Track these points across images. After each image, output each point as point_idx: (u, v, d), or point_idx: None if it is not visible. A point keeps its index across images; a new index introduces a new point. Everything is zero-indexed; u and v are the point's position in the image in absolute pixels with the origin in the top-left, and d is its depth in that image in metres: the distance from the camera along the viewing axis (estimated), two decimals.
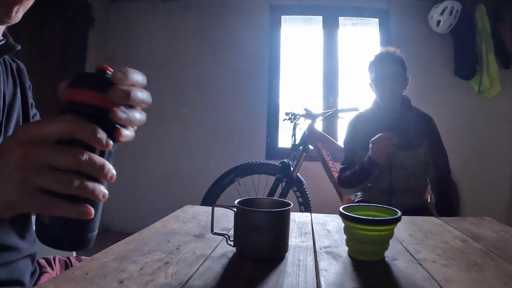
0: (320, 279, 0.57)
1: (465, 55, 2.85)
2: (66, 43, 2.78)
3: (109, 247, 0.69)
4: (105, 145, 0.37)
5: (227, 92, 3.16)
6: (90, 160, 0.36)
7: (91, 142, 0.36)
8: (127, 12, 3.25)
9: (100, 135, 0.36)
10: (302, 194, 2.33)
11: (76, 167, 0.36)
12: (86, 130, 0.36)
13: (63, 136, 0.36)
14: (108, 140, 0.37)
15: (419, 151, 1.63)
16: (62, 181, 0.36)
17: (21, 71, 0.80)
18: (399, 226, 0.78)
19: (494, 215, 1.20)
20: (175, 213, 1.02)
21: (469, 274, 0.61)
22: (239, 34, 3.14)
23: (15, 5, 0.61)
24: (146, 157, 3.21)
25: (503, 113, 2.96)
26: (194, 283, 0.55)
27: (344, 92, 3.15)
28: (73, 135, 0.36)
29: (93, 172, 0.37)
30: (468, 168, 2.93)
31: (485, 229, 0.93)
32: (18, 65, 0.80)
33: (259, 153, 3.06)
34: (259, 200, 0.75)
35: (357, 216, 0.66)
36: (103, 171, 0.38)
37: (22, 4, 0.62)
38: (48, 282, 0.54)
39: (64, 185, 0.36)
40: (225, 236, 0.71)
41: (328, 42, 3.16)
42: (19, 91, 0.76)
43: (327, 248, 0.74)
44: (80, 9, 2.93)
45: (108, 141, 0.38)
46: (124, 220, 3.18)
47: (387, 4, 3.04)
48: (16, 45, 0.74)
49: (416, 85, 2.18)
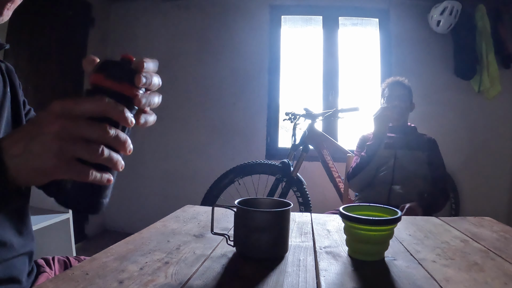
0: (320, 279, 0.57)
1: (465, 55, 2.85)
2: (66, 43, 2.78)
3: (109, 247, 0.68)
4: (130, 123, 0.44)
5: (227, 92, 3.16)
6: (116, 135, 0.43)
7: (120, 120, 0.43)
8: (127, 12, 3.25)
9: (127, 114, 0.43)
10: (302, 194, 2.33)
11: (105, 140, 0.42)
12: (116, 109, 0.42)
13: (95, 114, 0.42)
14: (132, 119, 0.44)
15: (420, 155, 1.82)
16: (94, 151, 0.41)
17: (10, 70, 0.79)
18: (399, 226, 0.78)
19: (494, 215, 1.20)
20: (175, 213, 1.02)
21: (469, 274, 0.61)
22: (239, 34, 3.13)
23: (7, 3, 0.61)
24: (146, 157, 3.21)
25: (503, 113, 2.96)
26: (194, 283, 0.55)
27: (344, 92, 3.15)
28: (105, 114, 0.42)
29: (118, 145, 0.43)
30: (468, 168, 2.93)
31: (485, 229, 0.93)
32: (7, 65, 0.79)
33: (259, 153, 3.06)
34: (259, 200, 0.75)
35: (357, 216, 0.65)
36: (125, 145, 0.44)
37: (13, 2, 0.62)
38: (48, 282, 0.54)
39: (96, 154, 0.42)
40: (225, 236, 0.71)
41: (328, 42, 3.16)
42: (9, 90, 0.76)
43: (327, 248, 0.74)
44: (80, 9, 2.92)
45: (133, 120, 0.44)
46: (124, 220, 3.19)
47: (387, 4, 3.04)
48: (4, 44, 0.74)
49: (416, 85, 2.18)
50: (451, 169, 2.76)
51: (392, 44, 3.03)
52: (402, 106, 1.91)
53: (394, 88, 1.95)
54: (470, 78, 2.89)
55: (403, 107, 1.92)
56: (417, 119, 2.22)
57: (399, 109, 1.91)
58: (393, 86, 1.96)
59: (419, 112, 2.25)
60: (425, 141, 1.90)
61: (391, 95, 1.93)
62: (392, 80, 2.00)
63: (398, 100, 1.91)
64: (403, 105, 1.92)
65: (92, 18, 3.03)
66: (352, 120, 2.75)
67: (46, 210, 1.68)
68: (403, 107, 1.92)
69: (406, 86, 1.97)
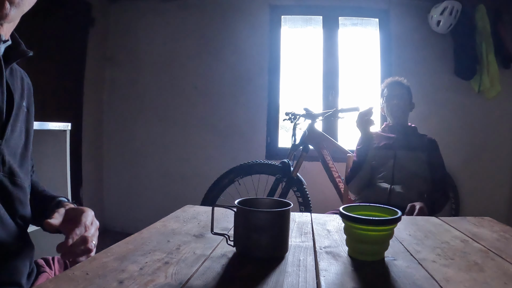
0: (320, 279, 0.57)
1: (465, 55, 2.85)
2: (66, 43, 2.78)
3: (109, 247, 0.69)
4: None
5: (227, 92, 3.15)
6: None
7: None
8: (127, 12, 3.25)
9: None
10: (302, 194, 2.33)
11: None
12: None
13: None
14: None
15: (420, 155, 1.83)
16: None
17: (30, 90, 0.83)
18: (399, 226, 0.78)
19: (494, 215, 1.20)
20: (175, 213, 1.02)
21: (469, 274, 0.61)
22: (239, 34, 3.13)
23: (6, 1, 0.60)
24: (146, 157, 3.21)
25: (503, 113, 2.96)
26: (194, 283, 0.55)
27: (344, 92, 3.15)
28: None
29: None
30: (468, 168, 2.93)
31: (485, 229, 0.93)
32: (28, 82, 0.83)
33: (259, 153, 3.06)
34: (259, 200, 0.75)
35: (357, 216, 0.65)
36: None
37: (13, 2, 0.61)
38: (48, 282, 0.54)
39: None
40: (225, 236, 0.71)
41: (328, 42, 3.16)
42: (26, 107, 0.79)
43: (327, 248, 0.74)
44: (80, 9, 2.92)
45: None
46: (124, 220, 3.19)
47: (387, 4, 3.04)
48: (28, 51, 0.74)
49: (416, 85, 2.18)
50: (451, 169, 2.76)
51: (392, 44, 3.03)
52: (401, 105, 1.93)
53: (394, 87, 1.97)
54: (470, 78, 2.89)
55: (402, 106, 1.93)
56: (417, 119, 2.22)
57: (398, 108, 1.92)
58: (392, 86, 1.98)
59: (419, 112, 2.25)
60: (425, 141, 1.90)
61: (391, 95, 1.95)
62: (391, 80, 2.02)
63: (398, 100, 1.93)
64: (402, 103, 1.93)
65: (92, 18, 3.03)
66: (352, 120, 2.75)
67: None
68: (402, 106, 1.93)
69: (405, 85, 1.98)
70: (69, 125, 1.76)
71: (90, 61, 3.00)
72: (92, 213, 0.79)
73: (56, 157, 1.74)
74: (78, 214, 0.76)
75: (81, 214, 0.76)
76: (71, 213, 0.77)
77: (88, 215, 0.77)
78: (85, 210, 0.78)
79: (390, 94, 1.95)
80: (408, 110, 1.97)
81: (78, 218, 0.74)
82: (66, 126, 1.75)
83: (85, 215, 0.76)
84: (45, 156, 1.74)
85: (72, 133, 1.81)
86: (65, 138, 1.74)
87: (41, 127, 1.60)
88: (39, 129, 1.60)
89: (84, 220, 0.74)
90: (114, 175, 3.25)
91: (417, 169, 1.80)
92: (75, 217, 0.75)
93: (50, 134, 1.73)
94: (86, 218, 0.75)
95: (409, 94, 1.97)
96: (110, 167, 3.26)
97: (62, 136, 1.74)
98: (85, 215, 0.76)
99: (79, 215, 0.75)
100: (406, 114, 1.97)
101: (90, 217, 0.77)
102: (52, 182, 1.73)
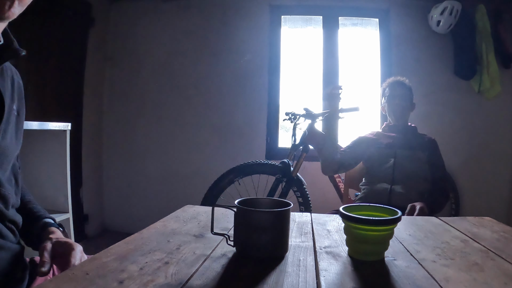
0: (320, 279, 0.57)
1: (465, 55, 2.85)
2: (66, 43, 2.78)
3: (109, 247, 0.68)
4: None
5: (227, 92, 3.15)
6: None
7: None
8: (127, 12, 3.25)
9: None
10: (302, 194, 2.33)
11: None
12: None
13: None
14: None
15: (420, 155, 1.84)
16: None
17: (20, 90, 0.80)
18: (399, 226, 0.78)
19: (494, 215, 1.20)
20: (175, 213, 1.02)
21: (469, 274, 0.61)
22: (239, 34, 3.13)
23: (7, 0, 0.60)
24: (146, 157, 3.21)
25: (503, 113, 2.96)
26: (194, 283, 0.55)
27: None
28: None
29: None
30: (468, 168, 2.93)
31: (485, 229, 0.93)
32: (19, 82, 0.80)
33: (259, 153, 3.06)
34: (259, 200, 0.75)
35: (357, 216, 0.65)
36: None
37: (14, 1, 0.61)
38: (48, 282, 0.54)
39: None
40: (225, 236, 0.71)
41: (328, 42, 3.16)
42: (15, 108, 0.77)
43: (327, 248, 0.74)
44: (80, 9, 2.92)
45: None
46: (124, 220, 3.18)
47: (387, 4, 3.04)
48: (21, 50, 0.72)
49: (416, 85, 2.18)
50: (451, 169, 2.76)
51: (392, 44, 3.03)
52: (403, 105, 1.93)
53: (395, 87, 1.97)
54: (470, 78, 2.89)
55: (404, 106, 1.94)
56: (417, 119, 2.22)
57: (400, 108, 1.93)
58: (394, 86, 1.98)
59: (419, 112, 2.25)
60: (425, 141, 1.90)
61: (392, 95, 1.96)
62: (393, 80, 2.02)
63: (399, 100, 1.93)
64: (404, 103, 1.94)
65: (92, 18, 3.03)
66: (352, 120, 2.75)
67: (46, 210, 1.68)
68: (404, 106, 1.94)
69: (407, 86, 1.98)
70: (69, 125, 1.76)
71: (90, 61, 3.00)
72: (80, 250, 0.75)
73: (56, 157, 1.74)
74: (66, 252, 0.73)
75: (70, 254, 0.72)
76: (59, 250, 0.74)
77: (77, 254, 0.73)
78: (73, 247, 0.74)
79: (392, 93, 1.96)
80: (409, 110, 1.98)
81: (67, 258, 0.71)
82: (66, 126, 1.75)
83: (73, 254, 0.72)
84: (45, 156, 1.74)
85: (72, 133, 1.81)
86: (65, 138, 1.74)
87: (41, 127, 1.59)
88: (39, 129, 1.59)
89: (73, 262, 0.71)
90: (114, 175, 3.25)
91: (417, 168, 1.80)
92: (63, 255, 0.72)
93: (50, 134, 1.73)
94: (74, 259, 0.71)
95: (410, 95, 1.97)
96: (110, 167, 3.26)
97: (62, 136, 1.74)
98: (74, 254, 0.72)
99: (67, 253, 0.72)
100: (407, 114, 1.97)
101: (79, 256, 0.73)
102: (52, 182, 1.73)
